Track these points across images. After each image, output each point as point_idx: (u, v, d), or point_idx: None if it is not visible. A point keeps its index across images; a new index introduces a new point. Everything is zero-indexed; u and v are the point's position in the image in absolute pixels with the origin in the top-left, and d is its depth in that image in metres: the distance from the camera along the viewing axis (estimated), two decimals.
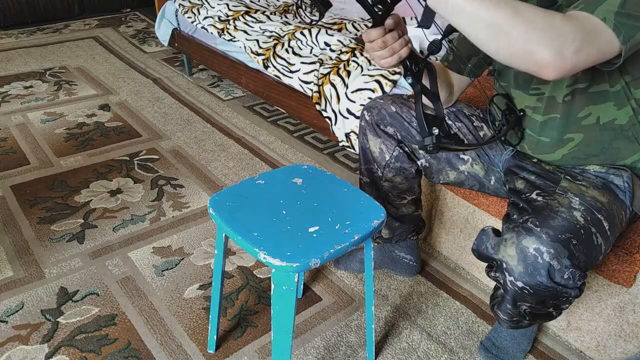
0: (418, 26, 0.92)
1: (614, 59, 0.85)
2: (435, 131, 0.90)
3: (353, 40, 2.03)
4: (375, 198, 1.22)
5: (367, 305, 1.19)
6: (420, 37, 1.76)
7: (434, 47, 0.95)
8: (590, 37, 0.81)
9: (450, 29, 0.94)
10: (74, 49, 3.39)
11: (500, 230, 1.03)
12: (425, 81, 1.00)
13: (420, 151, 1.28)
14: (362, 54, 1.87)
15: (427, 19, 0.88)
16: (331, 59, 1.95)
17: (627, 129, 1.04)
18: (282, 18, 2.43)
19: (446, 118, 1.28)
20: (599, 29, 0.82)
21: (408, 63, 0.95)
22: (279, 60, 2.10)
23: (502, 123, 1.09)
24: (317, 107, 1.91)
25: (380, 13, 0.90)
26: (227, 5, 2.56)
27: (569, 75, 0.83)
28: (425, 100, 0.97)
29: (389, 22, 0.92)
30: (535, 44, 0.78)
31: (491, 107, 1.13)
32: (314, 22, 0.92)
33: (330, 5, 0.88)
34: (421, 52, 1.76)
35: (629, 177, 1.07)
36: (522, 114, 1.13)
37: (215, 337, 1.27)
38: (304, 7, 2.40)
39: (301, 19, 2.36)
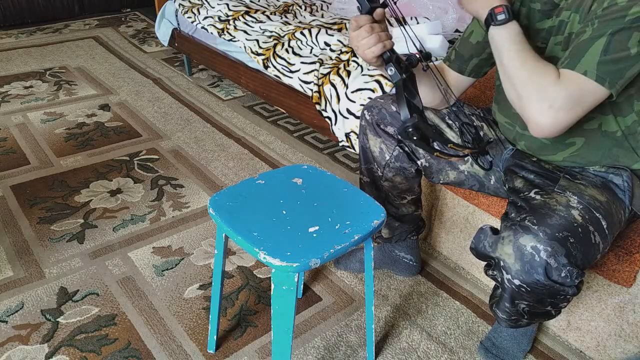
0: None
1: (607, 98, 0.90)
2: (415, 117, 0.90)
3: None
4: (375, 198, 1.22)
5: (367, 305, 1.19)
6: (421, 37, 1.76)
7: (413, 60, 0.97)
8: (576, 100, 0.88)
9: (425, 55, 0.96)
10: (74, 49, 3.39)
11: (499, 229, 1.03)
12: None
13: (400, 137, 1.27)
14: None
15: None
16: (331, 59, 1.95)
17: (626, 138, 1.05)
18: (282, 18, 2.43)
19: (446, 118, 1.29)
20: (583, 85, 0.88)
21: (389, 54, 0.95)
22: (279, 60, 2.10)
23: (474, 147, 1.09)
24: (317, 107, 1.91)
25: (370, 3, 0.93)
26: (227, 5, 2.56)
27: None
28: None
29: (379, 11, 0.94)
30: (525, 101, 0.92)
31: (464, 129, 1.18)
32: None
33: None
34: (420, 52, 1.76)
35: (628, 177, 1.07)
36: (491, 140, 1.18)
37: (215, 337, 1.27)
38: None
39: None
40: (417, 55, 0.97)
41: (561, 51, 1.02)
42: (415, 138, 0.90)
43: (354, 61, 1.84)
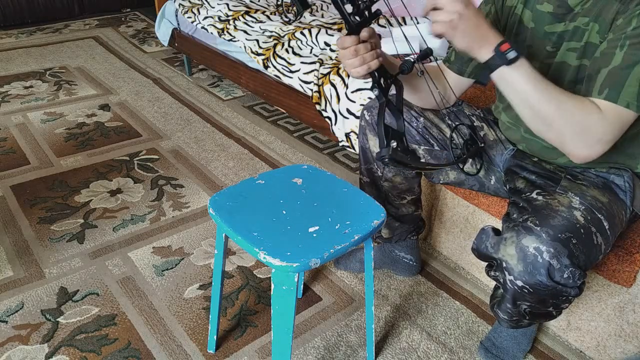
0: (476, 82, 0.99)
1: None
2: (393, 144, 0.91)
3: None
4: (375, 198, 1.22)
5: (367, 305, 1.19)
6: (420, 39, 1.76)
7: (405, 67, 0.96)
8: (619, 130, 0.91)
9: (424, 54, 0.95)
10: (74, 49, 3.39)
11: (500, 229, 1.03)
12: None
13: (378, 162, 1.28)
14: None
15: (485, 77, 0.97)
16: (331, 58, 1.95)
17: (623, 144, 1.04)
18: (282, 18, 2.43)
19: (446, 118, 1.29)
20: (626, 117, 0.90)
21: (377, 75, 0.96)
22: (279, 60, 2.10)
23: (463, 152, 1.09)
24: (317, 107, 1.91)
25: (356, 23, 0.92)
26: (227, 5, 2.56)
27: None
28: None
29: (363, 33, 0.94)
30: (568, 139, 0.91)
31: (453, 135, 1.17)
32: (292, 21, 0.95)
33: (309, 5, 0.90)
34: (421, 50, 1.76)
35: (629, 177, 1.07)
36: (482, 145, 1.15)
37: (215, 337, 1.27)
38: (287, 9, 2.41)
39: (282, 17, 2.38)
40: (413, 58, 0.97)
41: (576, 59, 1.01)
42: (390, 165, 0.91)
43: None
